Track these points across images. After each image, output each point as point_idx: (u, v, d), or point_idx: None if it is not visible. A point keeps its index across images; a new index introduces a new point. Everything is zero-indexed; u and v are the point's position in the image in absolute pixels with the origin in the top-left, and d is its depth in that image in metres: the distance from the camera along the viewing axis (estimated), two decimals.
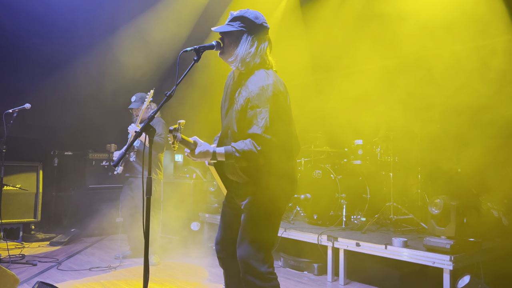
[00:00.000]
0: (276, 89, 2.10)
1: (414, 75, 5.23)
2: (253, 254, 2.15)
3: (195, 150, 2.06)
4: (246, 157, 2.04)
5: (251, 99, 2.07)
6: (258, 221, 2.18)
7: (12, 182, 5.49)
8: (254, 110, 2.05)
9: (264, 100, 2.05)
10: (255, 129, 2.04)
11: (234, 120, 2.15)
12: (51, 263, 4.46)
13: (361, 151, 4.75)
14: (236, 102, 2.15)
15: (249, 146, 2.03)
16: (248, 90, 2.10)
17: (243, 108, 2.10)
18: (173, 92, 2.09)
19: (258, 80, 2.11)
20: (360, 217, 4.61)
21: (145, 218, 1.99)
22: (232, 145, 2.06)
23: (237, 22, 2.16)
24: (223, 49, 2.18)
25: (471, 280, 3.19)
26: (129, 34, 6.10)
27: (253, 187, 2.18)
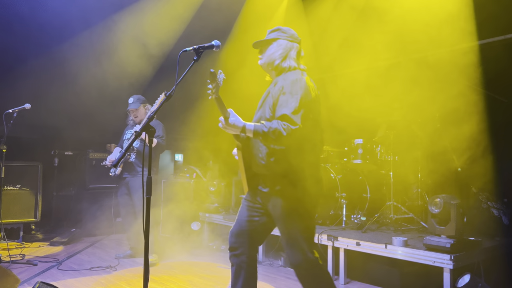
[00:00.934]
0: (309, 84, 2.31)
1: (414, 75, 5.23)
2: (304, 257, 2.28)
3: (229, 119, 2.14)
4: (274, 133, 2.13)
5: (284, 86, 2.25)
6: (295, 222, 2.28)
7: (13, 182, 5.49)
8: (286, 95, 2.23)
9: (296, 88, 2.23)
10: (284, 110, 2.19)
11: (267, 108, 2.31)
12: (51, 263, 4.46)
13: (361, 150, 4.75)
14: (272, 92, 2.32)
15: (276, 124, 2.14)
16: (283, 81, 2.29)
17: (277, 96, 2.27)
18: (173, 92, 2.11)
19: (292, 75, 2.31)
20: (360, 216, 4.61)
21: (145, 218, 1.99)
22: (261, 122, 2.20)
23: (274, 33, 2.43)
24: (263, 59, 2.42)
25: (471, 279, 3.19)
26: (129, 34, 6.09)
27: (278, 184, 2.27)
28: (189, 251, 5.17)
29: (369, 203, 4.74)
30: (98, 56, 6.08)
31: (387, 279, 3.90)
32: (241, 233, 2.41)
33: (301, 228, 2.28)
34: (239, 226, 2.42)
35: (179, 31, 6.46)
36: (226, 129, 2.18)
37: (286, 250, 2.32)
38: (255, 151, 2.33)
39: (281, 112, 2.19)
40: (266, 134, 2.14)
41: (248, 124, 2.18)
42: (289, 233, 2.29)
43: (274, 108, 2.27)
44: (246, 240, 2.39)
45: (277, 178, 2.27)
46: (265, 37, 2.42)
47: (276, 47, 2.38)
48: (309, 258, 2.29)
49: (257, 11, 6.46)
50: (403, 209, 4.52)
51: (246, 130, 2.16)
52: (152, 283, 3.79)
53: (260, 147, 2.30)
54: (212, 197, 5.74)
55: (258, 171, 2.36)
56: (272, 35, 2.41)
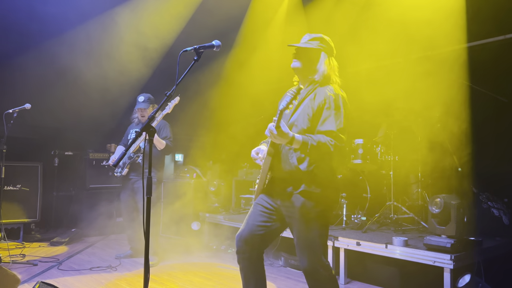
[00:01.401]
0: (347, 101, 2.38)
1: (413, 74, 5.23)
2: (318, 261, 2.31)
3: (281, 127, 2.11)
4: (321, 147, 2.18)
5: (327, 100, 2.29)
6: (316, 226, 2.30)
7: (13, 182, 5.49)
8: (330, 111, 2.27)
9: (340, 105, 2.30)
10: (330, 126, 2.24)
11: (305, 118, 2.31)
12: (51, 263, 4.46)
13: (361, 150, 4.74)
14: (312, 102, 2.33)
15: (325, 139, 2.19)
16: (325, 95, 2.31)
17: (319, 108, 2.29)
18: (173, 92, 2.12)
19: (333, 89, 2.36)
20: (360, 216, 4.61)
21: (145, 218, 1.99)
22: (308, 135, 2.21)
23: (316, 41, 2.42)
24: (301, 63, 2.40)
25: (472, 279, 3.19)
26: (129, 33, 6.10)
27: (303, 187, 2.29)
28: (189, 251, 5.17)
29: (369, 203, 4.73)
30: (98, 55, 6.08)
31: (387, 279, 3.90)
32: (251, 238, 2.41)
33: (319, 232, 2.31)
34: (249, 231, 2.42)
35: (179, 29, 6.46)
36: (274, 138, 2.16)
37: (301, 254, 2.33)
38: (284, 156, 2.34)
39: (327, 128, 2.24)
40: (315, 147, 2.17)
41: (297, 135, 2.17)
42: (307, 236, 2.30)
43: (313, 120, 2.29)
44: (255, 244, 2.41)
45: (303, 181, 2.30)
46: (305, 43, 2.41)
47: (320, 58, 2.39)
48: (324, 263, 2.32)
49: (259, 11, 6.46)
50: (403, 209, 4.52)
51: (295, 141, 2.15)
52: (152, 283, 3.79)
53: (289, 153, 2.32)
54: (212, 197, 5.74)
55: (284, 176, 2.36)
56: (314, 44, 2.40)
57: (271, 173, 2.41)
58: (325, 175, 2.31)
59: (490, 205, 4.22)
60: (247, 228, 2.43)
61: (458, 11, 4.97)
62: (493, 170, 4.74)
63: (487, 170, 4.76)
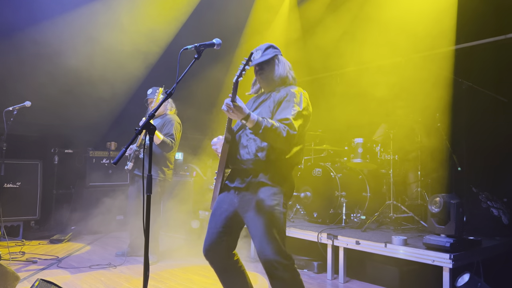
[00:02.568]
0: (309, 100, 2.45)
1: (412, 73, 5.23)
2: (278, 252, 2.24)
3: (237, 102, 2.13)
4: (274, 132, 2.19)
5: (289, 94, 2.39)
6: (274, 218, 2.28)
7: (13, 179, 5.49)
8: (289, 102, 2.35)
9: (300, 100, 2.37)
10: (286, 114, 2.29)
11: (266, 112, 2.39)
12: (51, 260, 4.46)
13: (361, 150, 4.74)
14: (274, 97, 2.43)
15: (279, 125, 2.22)
16: (289, 91, 2.42)
17: (279, 101, 2.38)
18: (174, 90, 2.12)
19: (296, 87, 2.47)
20: (360, 215, 4.61)
21: (145, 216, 1.99)
22: (264, 117, 2.22)
23: (269, 49, 2.51)
24: (264, 74, 2.50)
25: (471, 278, 3.19)
26: (129, 31, 6.09)
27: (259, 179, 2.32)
28: (189, 249, 5.18)
29: (369, 202, 4.74)
30: (98, 54, 6.08)
31: (386, 278, 3.91)
32: (215, 247, 2.41)
33: (277, 226, 2.27)
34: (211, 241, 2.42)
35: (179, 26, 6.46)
36: (228, 113, 2.16)
37: (261, 248, 2.25)
38: (241, 145, 2.38)
39: (283, 116, 2.28)
40: (268, 129, 2.17)
41: (253, 114, 2.18)
42: (265, 230, 2.25)
43: (274, 110, 2.37)
44: (221, 251, 2.42)
45: (261, 171, 2.33)
46: (262, 56, 2.48)
47: (278, 63, 2.50)
48: (287, 255, 2.27)
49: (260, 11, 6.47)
50: (403, 208, 4.52)
51: (249, 119, 2.15)
52: (152, 281, 3.80)
53: (248, 141, 2.36)
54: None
55: (242, 166, 2.38)
56: (269, 52, 2.50)
57: (230, 166, 2.44)
58: (282, 166, 2.36)
59: (490, 205, 4.23)
60: (209, 238, 2.43)
61: (458, 10, 4.97)
62: (493, 169, 4.75)
63: (486, 169, 4.77)
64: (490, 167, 4.76)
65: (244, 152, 2.36)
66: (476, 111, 4.78)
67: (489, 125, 4.79)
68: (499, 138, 4.72)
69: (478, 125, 4.79)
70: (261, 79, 2.53)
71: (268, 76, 2.50)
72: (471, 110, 4.72)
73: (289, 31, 6.59)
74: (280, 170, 2.36)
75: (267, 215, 2.26)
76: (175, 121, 4.58)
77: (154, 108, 2.12)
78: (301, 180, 5.14)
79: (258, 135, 2.22)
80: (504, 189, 4.51)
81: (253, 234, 2.30)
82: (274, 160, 2.32)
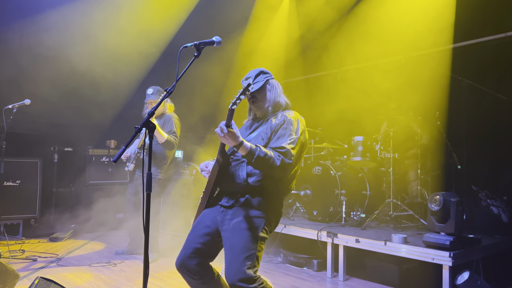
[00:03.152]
0: (305, 127, 2.41)
1: (412, 72, 5.23)
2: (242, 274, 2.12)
3: (232, 127, 2.09)
4: (267, 161, 2.16)
5: (286, 121, 2.34)
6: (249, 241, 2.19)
7: (12, 178, 5.49)
8: (286, 130, 2.31)
9: (297, 128, 2.34)
10: (282, 141, 2.25)
11: (261, 138, 2.34)
12: (51, 258, 4.47)
13: (361, 148, 4.75)
14: (271, 124, 2.37)
15: (272, 153, 2.19)
16: (285, 117, 2.37)
17: (276, 127, 2.33)
18: (173, 88, 2.11)
19: (292, 113, 2.42)
20: (359, 213, 4.62)
21: (145, 214, 1.99)
22: (258, 145, 2.19)
23: (260, 76, 2.47)
24: (257, 103, 2.46)
25: (470, 276, 3.20)
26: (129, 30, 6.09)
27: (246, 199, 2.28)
28: None
29: (368, 200, 4.74)
30: (98, 51, 6.07)
31: (386, 276, 3.91)
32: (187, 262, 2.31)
33: (249, 250, 2.18)
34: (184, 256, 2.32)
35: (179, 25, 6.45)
36: (222, 138, 2.11)
37: (228, 268, 2.16)
38: (232, 169, 2.31)
39: (279, 144, 2.24)
40: (261, 158, 2.14)
41: (246, 142, 2.14)
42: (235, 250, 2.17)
43: (270, 137, 2.32)
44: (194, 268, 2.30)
45: (248, 193, 2.28)
46: (255, 83, 2.44)
47: (270, 89, 2.46)
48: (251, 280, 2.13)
49: None
50: (402, 206, 4.52)
51: (242, 147, 2.11)
52: (151, 279, 3.80)
53: (240, 165, 2.30)
54: None
55: (231, 189, 2.34)
56: (260, 79, 2.45)
57: (218, 187, 2.40)
58: (273, 192, 2.32)
59: (489, 203, 4.23)
60: (183, 252, 2.34)
61: (458, 8, 4.96)
62: (493, 167, 4.75)
63: (486, 167, 4.77)
64: (490, 165, 4.77)
65: (235, 176, 2.30)
66: (476, 109, 4.78)
67: (489, 123, 4.79)
68: (499, 136, 4.72)
69: (478, 123, 4.79)
70: (254, 107, 2.49)
71: (261, 104, 2.46)
72: (471, 108, 4.72)
73: (289, 29, 6.59)
74: (269, 196, 2.31)
75: (242, 236, 2.19)
76: (174, 118, 4.58)
77: (154, 106, 2.12)
78: (301, 178, 5.14)
79: (251, 164, 2.20)
80: (503, 187, 4.51)
81: (225, 252, 2.23)
82: (264, 186, 2.28)
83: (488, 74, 4.77)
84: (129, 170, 4.44)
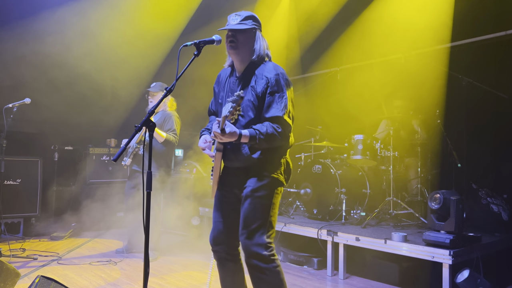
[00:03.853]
0: (288, 77, 2.32)
1: (412, 70, 5.23)
2: (257, 238, 2.24)
3: (226, 129, 2.07)
4: (268, 139, 2.16)
5: (270, 85, 2.24)
6: (264, 205, 2.27)
7: (13, 176, 5.49)
8: (274, 95, 2.23)
9: (282, 85, 2.25)
10: (275, 111, 2.20)
11: (250, 107, 2.27)
12: (51, 257, 4.47)
13: (361, 146, 4.74)
14: (254, 89, 2.27)
15: (270, 129, 2.16)
16: (266, 78, 2.25)
17: (262, 94, 2.25)
18: (173, 87, 2.11)
19: (272, 68, 2.29)
20: (360, 211, 4.62)
21: (145, 213, 1.99)
22: (254, 128, 2.17)
23: (249, 20, 2.32)
24: (237, 45, 2.29)
25: (470, 274, 3.20)
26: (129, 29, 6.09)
27: (257, 171, 2.28)
28: (189, 246, 5.19)
29: (368, 198, 4.74)
30: (97, 50, 6.07)
31: (386, 274, 3.92)
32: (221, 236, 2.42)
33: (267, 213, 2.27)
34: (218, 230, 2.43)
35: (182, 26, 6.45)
36: (221, 140, 2.13)
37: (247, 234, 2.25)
38: (235, 147, 2.29)
39: (273, 114, 2.21)
40: (262, 140, 2.15)
41: (243, 131, 2.13)
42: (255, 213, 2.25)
43: (259, 107, 2.26)
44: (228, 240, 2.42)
45: (255, 166, 2.29)
46: (239, 23, 2.29)
47: (256, 38, 2.33)
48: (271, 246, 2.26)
49: None
50: (402, 205, 4.53)
51: (242, 138, 2.12)
52: (152, 278, 3.81)
53: (242, 145, 2.27)
54: None
55: (237, 165, 2.35)
56: (249, 23, 2.30)
57: (218, 168, 2.39)
58: (276, 156, 2.31)
59: (489, 201, 4.23)
60: (215, 227, 2.44)
61: (457, 7, 4.96)
62: (493, 166, 4.74)
63: (486, 166, 4.77)
64: (490, 163, 4.77)
65: (239, 154, 2.29)
66: (476, 108, 4.77)
67: (489, 121, 4.79)
68: (499, 134, 4.72)
69: (478, 122, 4.79)
70: (233, 53, 2.32)
71: (240, 50, 2.30)
72: (471, 106, 4.72)
73: (288, 28, 6.58)
74: (274, 159, 2.32)
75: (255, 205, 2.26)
76: (175, 116, 4.59)
77: (154, 105, 2.12)
78: (301, 176, 5.14)
79: (255, 147, 2.21)
80: (504, 185, 4.51)
81: (240, 220, 2.30)
82: (268, 155, 2.28)
83: (488, 72, 4.76)
84: (126, 164, 4.45)
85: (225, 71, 2.50)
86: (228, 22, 2.33)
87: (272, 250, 2.27)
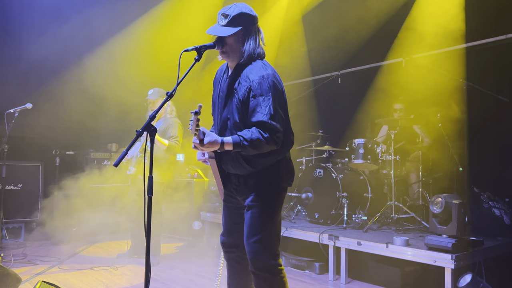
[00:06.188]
0: (275, 78, 2.18)
1: (414, 73, 5.23)
2: (263, 249, 2.22)
3: (204, 140, 2.01)
4: (254, 145, 2.06)
5: (253, 88, 2.13)
6: (266, 215, 2.24)
7: (14, 181, 5.50)
8: (257, 98, 2.11)
9: (266, 88, 2.11)
10: (260, 116, 2.09)
11: (235, 111, 2.19)
12: (53, 262, 4.47)
13: (362, 150, 4.74)
14: (237, 92, 2.18)
15: (256, 134, 2.06)
16: (249, 80, 2.15)
17: (244, 98, 2.15)
18: (174, 92, 2.10)
19: (257, 70, 2.17)
20: (361, 216, 4.60)
21: (147, 218, 1.99)
22: (239, 134, 2.08)
23: (239, 20, 2.18)
24: (227, 49, 2.20)
25: (473, 279, 3.19)
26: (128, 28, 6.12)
27: (257, 179, 2.23)
28: (190, 250, 5.18)
29: (370, 202, 4.73)
30: (101, 55, 6.09)
31: (388, 279, 3.90)
32: (232, 237, 2.42)
33: (274, 229, 2.28)
34: (228, 231, 2.43)
35: None
36: (202, 150, 2.08)
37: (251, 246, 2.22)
38: (230, 159, 2.23)
39: (258, 119, 2.09)
40: (247, 147, 2.06)
41: (226, 139, 2.05)
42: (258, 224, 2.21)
43: (243, 111, 2.16)
44: (236, 235, 2.40)
45: (254, 173, 2.23)
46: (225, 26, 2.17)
47: (245, 39, 2.21)
48: (277, 255, 2.27)
49: None
50: (404, 209, 4.52)
51: (225, 146, 2.04)
52: (153, 283, 3.80)
53: (236, 155, 2.21)
54: (213, 196, 5.74)
55: (233, 172, 2.30)
56: (237, 25, 2.17)
57: (218, 173, 2.36)
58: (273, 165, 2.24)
59: (491, 205, 4.22)
60: (225, 228, 2.43)
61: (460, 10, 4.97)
62: (495, 169, 4.74)
63: (488, 169, 4.76)
64: (492, 167, 4.76)
65: (234, 162, 2.23)
66: (478, 111, 4.77)
67: (490, 125, 4.79)
68: (500, 138, 4.71)
69: (479, 125, 4.79)
70: (223, 57, 2.24)
71: (231, 54, 2.21)
72: (473, 110, 4.72)
73: (289, 32, 6.59)
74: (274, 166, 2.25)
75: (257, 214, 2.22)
76: (177, 124, 4.60)
77: (155, 110, 2.11)
78: (302, 181, 5.14)
79: (242, 153, 2.14)
80: (506, 189, 4.51)
81: (244, 227, 2.27)
82: (267, 162, 2.21)
83: (489, 76, 4.77)
84: (131, 174, 4.45)
85: (221, 68, 2.43)
86: (217, 21, 2.24)
87: (277, 259, 2.26)
